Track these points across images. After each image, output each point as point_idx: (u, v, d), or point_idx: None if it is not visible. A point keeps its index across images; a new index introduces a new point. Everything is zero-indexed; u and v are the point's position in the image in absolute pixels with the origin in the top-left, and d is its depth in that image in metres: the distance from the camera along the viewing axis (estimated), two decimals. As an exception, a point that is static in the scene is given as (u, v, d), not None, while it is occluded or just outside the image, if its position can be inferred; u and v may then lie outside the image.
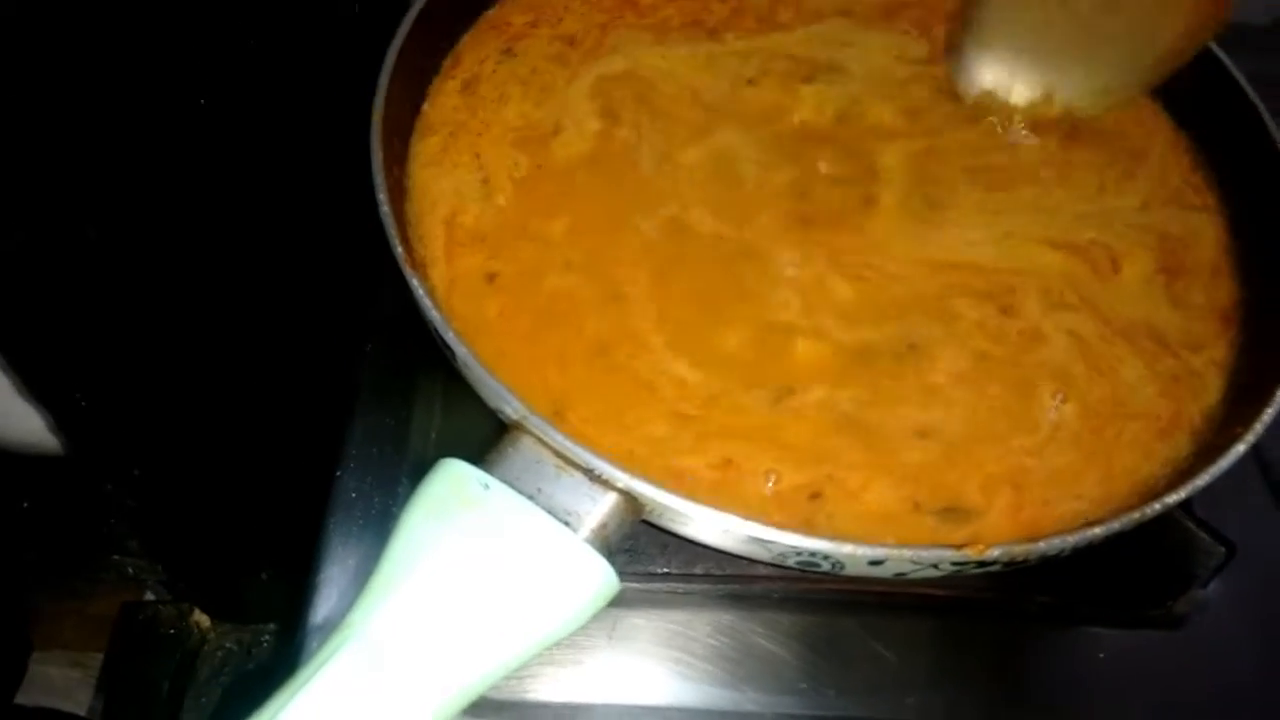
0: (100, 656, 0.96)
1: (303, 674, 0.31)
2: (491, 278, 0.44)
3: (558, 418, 0.40)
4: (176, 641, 0.64)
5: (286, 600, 0.64)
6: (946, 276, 0.47)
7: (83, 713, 0.87)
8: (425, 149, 0.48)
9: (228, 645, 0.67)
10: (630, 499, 0.36)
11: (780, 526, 0.34)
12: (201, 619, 0.66)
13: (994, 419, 0.43)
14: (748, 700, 0.44)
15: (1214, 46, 0.52)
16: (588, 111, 0.50)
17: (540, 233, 0.46)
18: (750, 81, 0.52)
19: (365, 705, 0.31)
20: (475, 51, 0.52)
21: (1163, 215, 0.50)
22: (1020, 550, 0.35)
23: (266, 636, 0.67)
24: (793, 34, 0.55)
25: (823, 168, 0.49)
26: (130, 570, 0.65)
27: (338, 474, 0.47)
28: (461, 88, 0.50)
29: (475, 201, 0.46)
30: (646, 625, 0.46)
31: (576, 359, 0.43)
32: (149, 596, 0.81)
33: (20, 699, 0.83)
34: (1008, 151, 0.51)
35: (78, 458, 0.51)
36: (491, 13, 0.53)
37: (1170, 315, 0.47)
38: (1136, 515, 0.37)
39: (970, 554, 0.35)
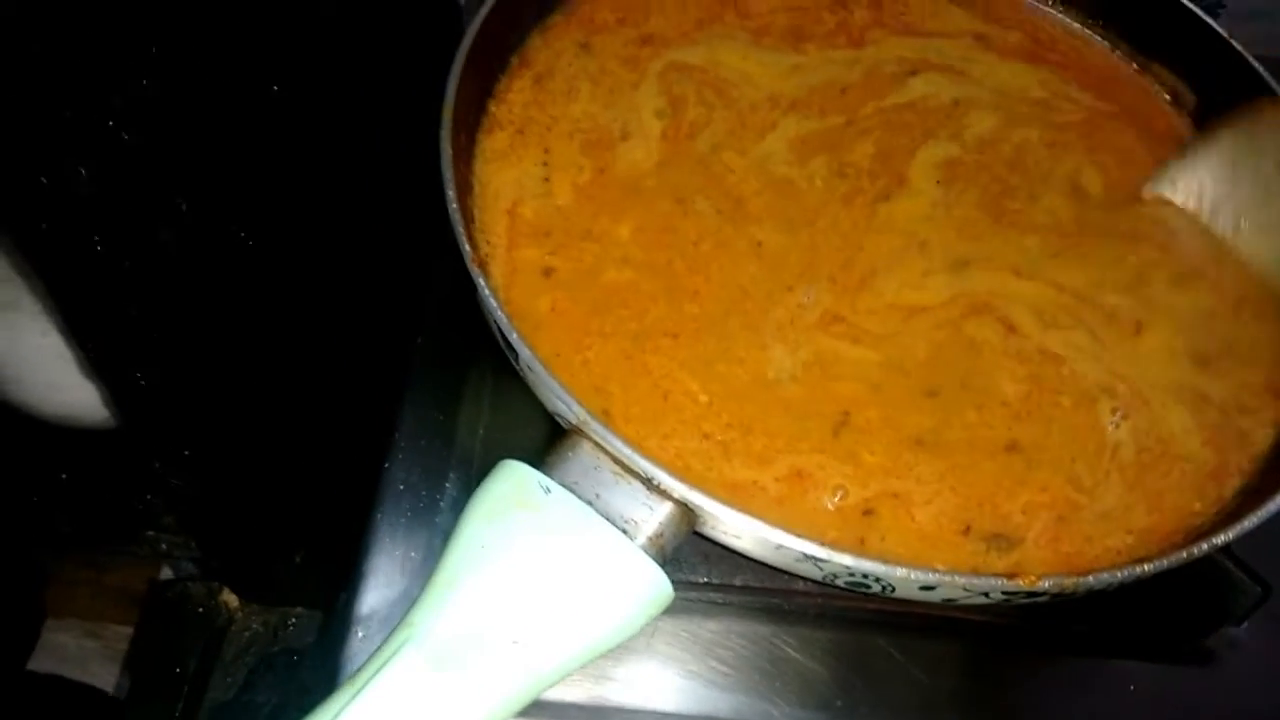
0: (116, 628, 0.97)
1: (366, 671, 0.32)
2: (549, 272, 0.45)
3: (605, 415, 0.41)
4: (205, 620, 0.64)
5: (318, 585, 0.65)
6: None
7: (95, 683, 0.87)
8: (492, 144, 0.48)
9: (255, 626, 0.67)
10: (686, 509, 0.36)
11: (835, 547, 0.35)
12: (230, 599, 0.67)
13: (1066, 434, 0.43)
14: (779, 713, 0.45)
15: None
16: (653, 103, 0.50)
17: (600, 232, 0.46)
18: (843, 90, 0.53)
19: (426, 705, 0.31)
20: (552, 45, 0.52)
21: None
22: (1070, 583, 0.36)
23: (294, 619, 0.67)
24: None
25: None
26: (163, 546, 0.65)
27: (386, 465, 0.48)
28: (534, 81, 0.51)
29: (537, 197, 0.47)
30: (683, 633, 0.46)
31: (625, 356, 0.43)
32: (166, 573, 0.81)
33: (32, 666, 0.84)
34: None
35: (129, 434, 0.52)
36: (576, 6, 0.54)
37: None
38: (1184, 555, 0.37)
39: (1022, 584, 0.35)
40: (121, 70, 0.33)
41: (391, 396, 0.49)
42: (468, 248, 0.40)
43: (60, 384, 0.56)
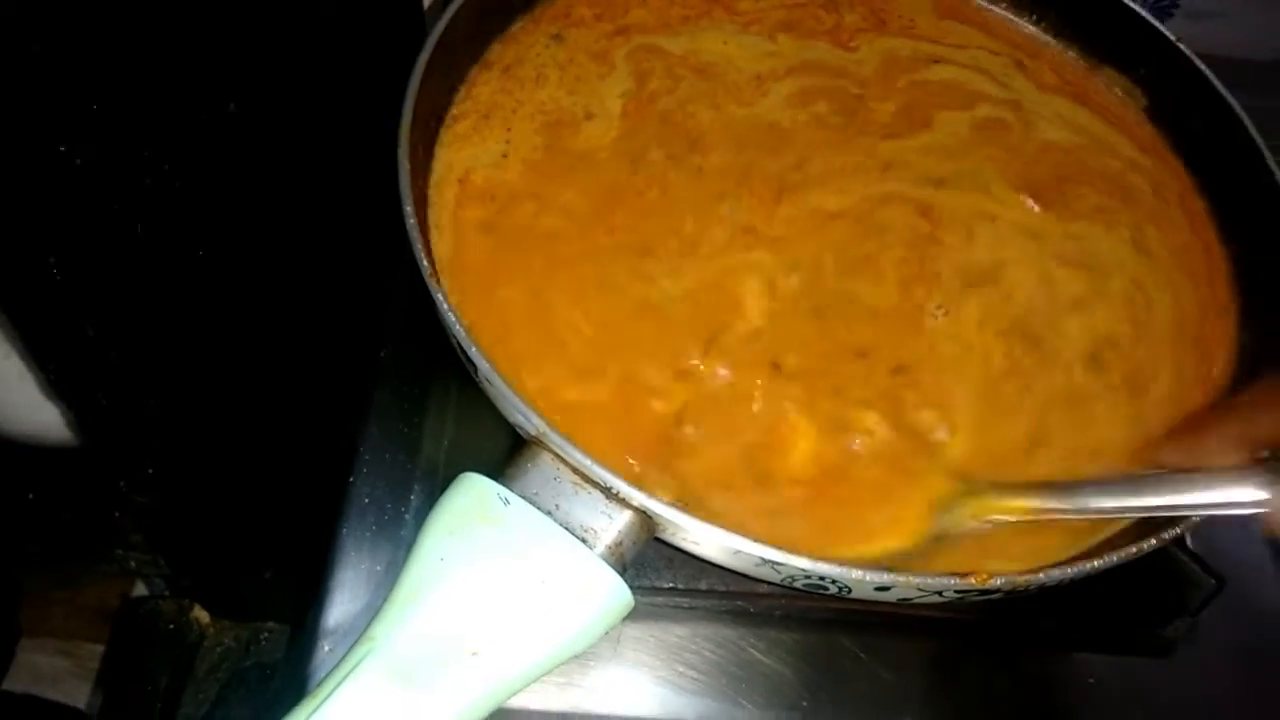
0: (89, 646, 0.96)
1: (326, 685, 0.32)
2: (488, 228, 0.46)
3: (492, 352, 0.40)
4: (176, 636, 0.64)
5: (287, 599, 0.65)
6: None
7: (69, 702, 0.87)
8: (455, 131, 0.49)
9: (226, 642, 0.67)
10: (645, 517, 0.36)
11: (791, 550, 0.35)
12: (201, 615, 0.67)
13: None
14: (746, 715, 0.45)
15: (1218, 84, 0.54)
16: (621, 85, 0.51)
17: (547, 194, 0.47)
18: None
19: (387, 718, 0.31)
20: (522, 40, 0.53)
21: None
22: (1022, 580, 0.36)
23: (265, 634, 0.67)
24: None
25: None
26: (132, 564, 0.65)
27: (351, 480, 0.48)
28: (502, 71, 0.51)
29: (489, 167, 0.48)
30: (650, 638, 0.47)
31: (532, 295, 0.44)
32: (140, 589, 0.81)
33: (6, 685, 0.83)
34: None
35: (93, 454, 0.52)
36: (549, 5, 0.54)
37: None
38: (1134, 550, 0.38)
39: (974, 582, 0.36)
40: (74, 92, 0.34)
41: (356, 411, 0.49)
42: (425, 262, 0.40)
43: (23, 404, 0.56)
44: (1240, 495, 0.36)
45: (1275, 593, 0.52)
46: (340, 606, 0.45)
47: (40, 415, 0.55)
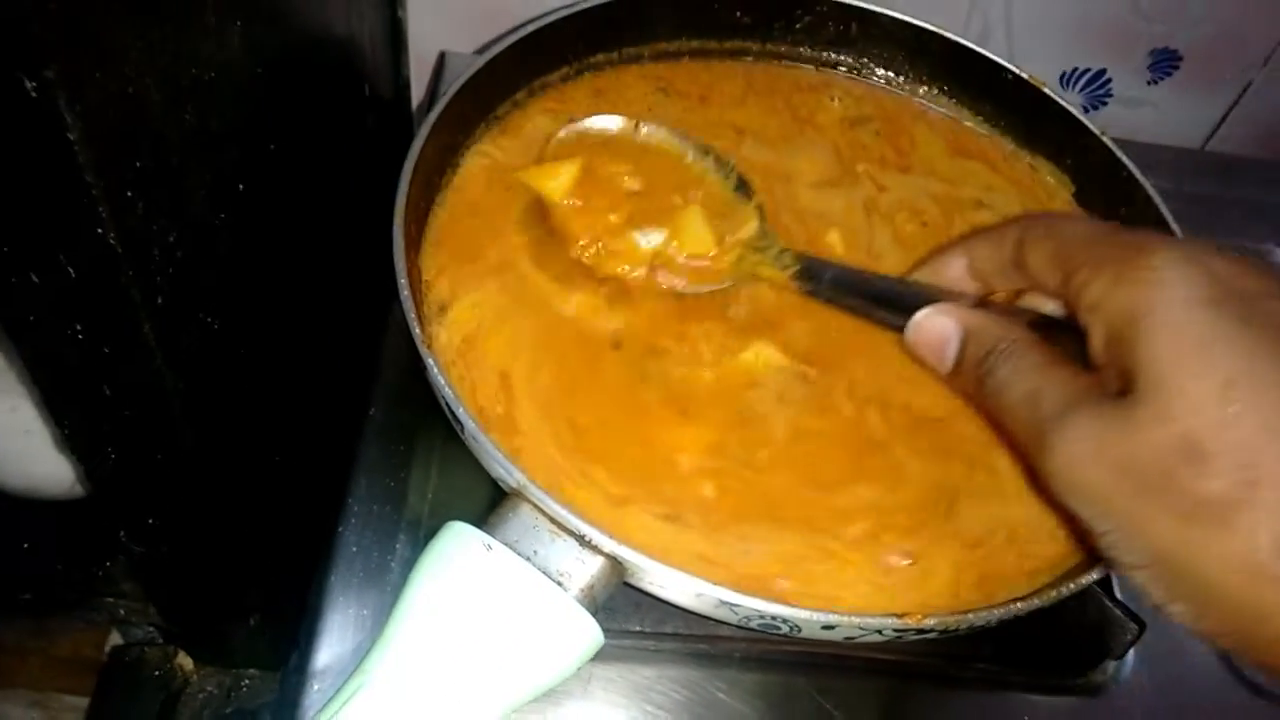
0: (63, 698, 0.97)
1: (324, 715, 0.35)
2: None
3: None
4: (161, 682, 0.67)
5: (269, 646, 0.68)
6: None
7: (39, 756, 0.88)
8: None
9: (209, 688, 0.69)
10: (615, 563, 0.40)
11: (744, 592, 0.39)
12: (185, 661, 0.69)
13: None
14: (710, 752, 0.49)
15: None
16: None
17: None
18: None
19: (380, 742, 0.35)
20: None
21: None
22: (953, 620, 0.41)
23: (247, 681, 0.70)
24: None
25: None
26: (122, 612, 0.68)
27: (340, 529, 0.51)
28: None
29: None
30: (619, 678, 0.50)
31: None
32: (115, 639, 0.83)
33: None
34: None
35: (98, 504, 0.55)
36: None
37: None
38: (1054, 594, 0.42)
39: (910, 622, 0.40)
40: (111, 178, 0.37)
41: (345, 465, 0.53)
42: (418, 330, 0.44)
43: (27, 458, 0.59)
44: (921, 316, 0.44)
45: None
46: (329, 649, 0.48)
47: (41, 468, 0.58)
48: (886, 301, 0.47)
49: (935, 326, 0.43)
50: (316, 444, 0.58)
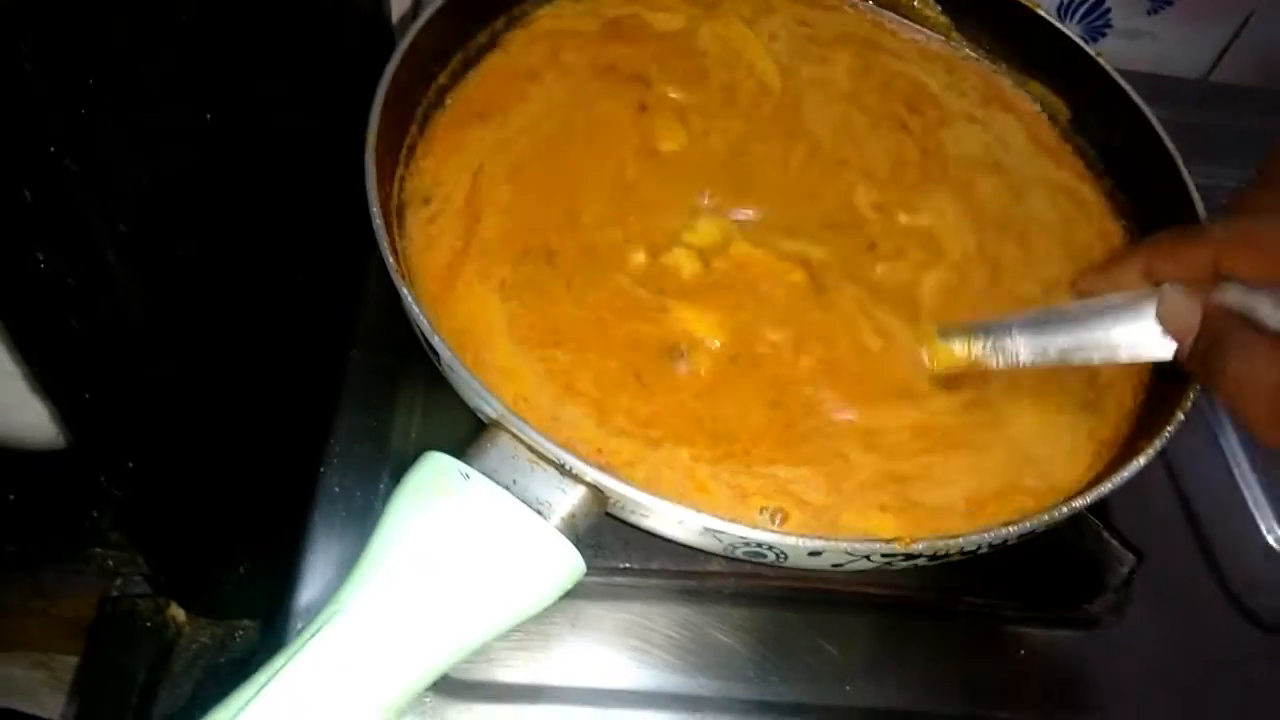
0: (65, 659, 0.97)
1: (294, 644, 0.35)
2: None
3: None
4: (153, 634, 0.66)
5: (262, 595, 0.67)
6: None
7: (45, 714, 0.88)
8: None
9: (202, 639, 0.69)
10: (597, 492, 0.39)
11: (730, 519, 0.38)
12: (177, 613, 0.69)
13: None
14: (700, 686, 0.48)
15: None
16: None
17: None
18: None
19: (350, 673, 0.34)
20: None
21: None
22: (942, 544, 0.40)
23: (240, 631, 0.69)
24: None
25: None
26: (110, 563, 0.67)
27: (322, 470, 0.51)
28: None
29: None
30: (608, 616, 0.49)
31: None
32: (115, 594, 0.83)
33: (-19, 699, 0.84)
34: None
35: (76, 449, 0.54)
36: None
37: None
38: (1045, 518, 0.41)
39: (897, 546, 0.39)
40: (64, 98, 0.36)
41: (327, 405, 0.52)
42: (391, 260, 0.43)
43: (8, 403, 0.58)
44: (1137, 312, 0.42)
45: (1194, 565, 0.55)
46: (312, 589, 0.47)
47: (24, 415, 0.57)
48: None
49: (1179, 307, 0.42)
50: (298, 383, 0.57)
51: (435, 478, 0.38)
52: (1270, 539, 0.57)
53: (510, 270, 0.49)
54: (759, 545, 0.39)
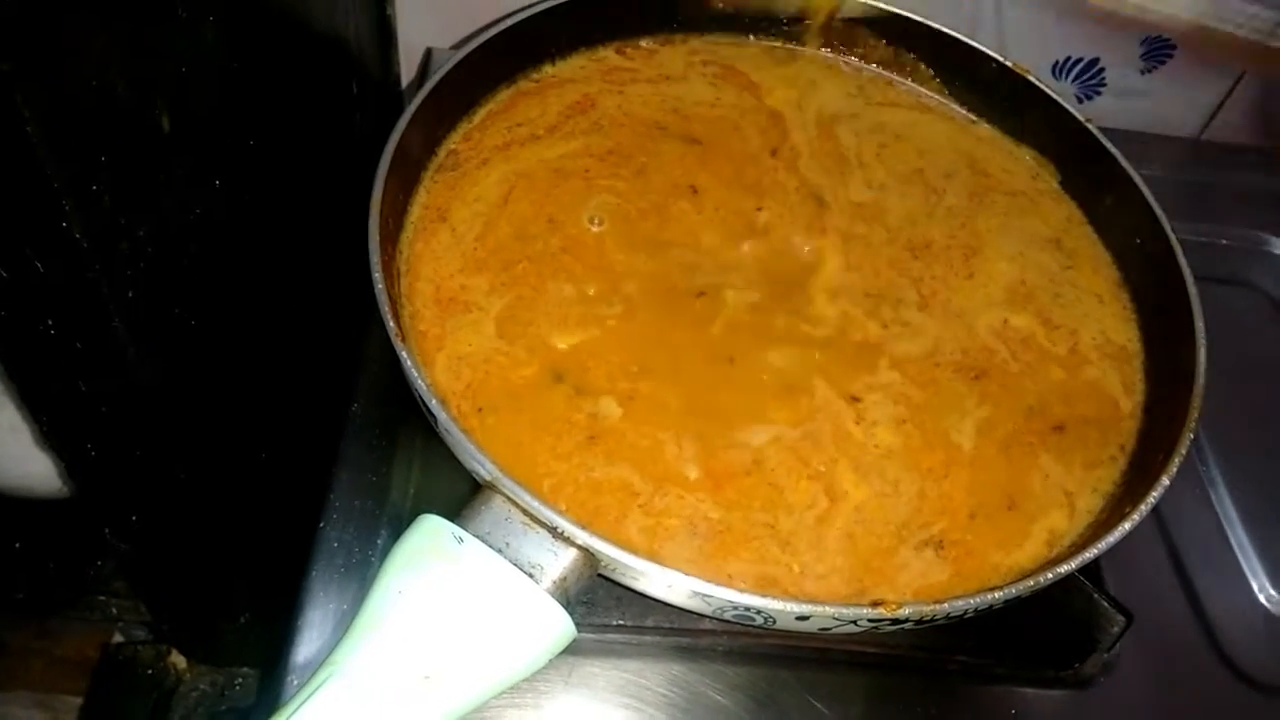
0: (67, 699, 0.97)
1: (291, 704, 0.35)
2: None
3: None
4: (154, 681, 0.67)
5: (262, 644, 0.68)
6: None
7: (44, 756, 0.88)
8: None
9: (202, 686, 0.70)
10: (588, 554, 0.40)
11: (717, 583, 0.39)
12: (178, 660, 0.69)
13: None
14: (692, 745, 0.48)
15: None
16: None
17: None
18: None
19: (346, 733, 0.35)
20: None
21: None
22: (928, 610, 0.40)
23: (240, 679, 0.70)
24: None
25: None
26: (114, 610, 0.68)
27: (321, 525, 0.51)
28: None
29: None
30: (601, 673, 0.50)
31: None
32: (118, 638, 0.83)
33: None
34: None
35: (81, 503, 0.55)
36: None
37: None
38: (1031, 583, 0.42)
39: (884, 612, 0.39)
40: (75, 178, 0.38)
41: (327, 461, 0.53)
42: (392, 324, 0.44)
43: (14, 456, 0.59)
44: None
45: (1186, 625, 0.55)
46: (309, 645, 0.48)
47: (30, 466, 0.58)
48: None
49: None
50: (299, 440, 0.58)
51: (430, 541, 0.39)
52: (1263, 598, 0.58)
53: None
54: (747, 609, 0.40)
